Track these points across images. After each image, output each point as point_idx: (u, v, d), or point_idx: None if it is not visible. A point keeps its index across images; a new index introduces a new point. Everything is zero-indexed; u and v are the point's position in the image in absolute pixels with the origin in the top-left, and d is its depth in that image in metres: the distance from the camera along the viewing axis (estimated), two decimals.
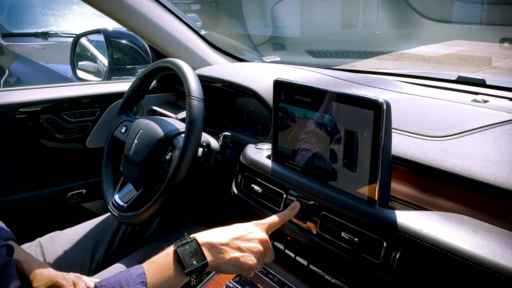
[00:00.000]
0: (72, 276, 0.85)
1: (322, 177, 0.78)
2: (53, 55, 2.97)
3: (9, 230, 0.85)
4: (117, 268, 1.03)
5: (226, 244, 0.70)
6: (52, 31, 2.92)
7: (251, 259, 0.70)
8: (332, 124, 0.73)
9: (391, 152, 0.69)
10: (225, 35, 2.32)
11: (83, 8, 3.16)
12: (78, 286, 0.84)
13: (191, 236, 0.70)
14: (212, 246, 0.69)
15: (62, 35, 2.92)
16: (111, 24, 1.68)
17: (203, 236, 0.70)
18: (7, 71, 2.63)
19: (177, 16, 1.48)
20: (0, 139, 1.35)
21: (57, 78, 2.49)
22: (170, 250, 0.68)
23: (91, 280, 0.86)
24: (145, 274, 0.65)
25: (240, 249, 0.70)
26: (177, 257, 0.67)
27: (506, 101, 1.07)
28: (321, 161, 0.77)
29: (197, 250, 0.68)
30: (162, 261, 0.67)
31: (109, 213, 1.20)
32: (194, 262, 0.67)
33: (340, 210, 0.72)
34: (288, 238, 0.86)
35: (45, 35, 2.91)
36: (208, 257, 0.68)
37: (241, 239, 0.71)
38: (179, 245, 0.68)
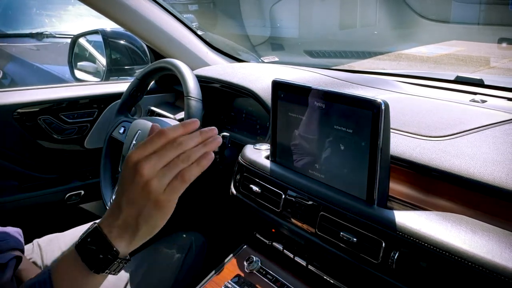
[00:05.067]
0: None
1: (320, 177, 0.78)
2: (48, 56, 2.96)
3: (18, 238, 0.84)
4: None
5: (121, 211, 0.55)
6: (47, 31, 2.90)
7: (154, 205, 0.54)
8: (330, 124, 0.73)
9: (390, 152, 0.69)
10: (224, 36, 2.32)
11: (79, 9, 3.15)
12: None
13: (94, 222, 0.58)
14: (114, 224, 0.56)
15: (57, 35, 2.90)
16: (108, 25, 1.67)
17: (104, 220, 0.57)
18: (1, 72, 2.61)
19: (175, 16, 1.48)
20: None
21: (52, 79, 2.48)
22: (73, 247, 0.57)
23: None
24: (50, 282, 0.56)
25: (136, 207, 0.54)
26: (79, 255, 0.56)
27: (505, 101, 1.07)
28: (319, 161, 0.77)
29: (102, 238, 0.55)
30: (67, 261, 0.57)
31: None
32: (101, 256, 0.55)
33: (338, 210, 0.72)
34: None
35: (39, 35, 2.90)
36: (117, 242, 0.55)
37: (129, 196, 0.54)
38: (81, 238, 0.57)
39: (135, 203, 0.54)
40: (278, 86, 0.82)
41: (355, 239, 0.68)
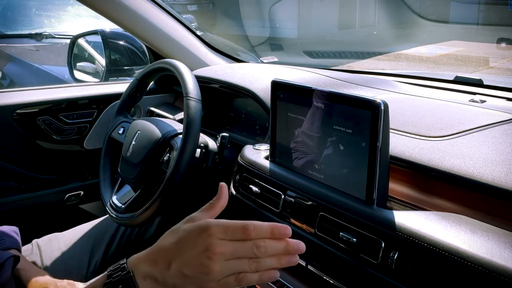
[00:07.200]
0: (64, 283, 0.84)
1: (320, 177, 0.78)
2: (47, 56, 2.96)
3: (14, 237, 0.84)
4: None
5: (168, 268, 0.53)
6: (46, 32, 2.90)
7: (200, 286, 0.52)
8: (329, 125, 0.73)
9: (389, 152, 0.69)
10: (223, 36, 2.33)
11: (78, 9, 3.15)
12: None
13: (127, 264, 0.56)
14: (151, 276, 0.54)
15: (57, 36, 2.90)
16: (107, 25, 1.67)
17: (141, 265, 0.55)
18: (0, 73, 2.62)
19: (174, 16, 1.48)
20: None
21: (52, 80, 2.48)
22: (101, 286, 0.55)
23: (85, 286, 0.85)
24: None
25: (186, 276, 0.52)
26: None
27: (504, 101, 1.07)
28: (319, 161, 0.77)
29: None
30: None
31: (107, 215, 1.20)
32: None
33: (338, 211, 0.72)
34: None
35: (39, 36, 2.89)
36: None
37: (185, 261, 0.52)
38: (111, 282, 0.54)
39: (187, 273, 0.52)
40: (277, 87, 0.82)
41: (354, 239, 0.68)
